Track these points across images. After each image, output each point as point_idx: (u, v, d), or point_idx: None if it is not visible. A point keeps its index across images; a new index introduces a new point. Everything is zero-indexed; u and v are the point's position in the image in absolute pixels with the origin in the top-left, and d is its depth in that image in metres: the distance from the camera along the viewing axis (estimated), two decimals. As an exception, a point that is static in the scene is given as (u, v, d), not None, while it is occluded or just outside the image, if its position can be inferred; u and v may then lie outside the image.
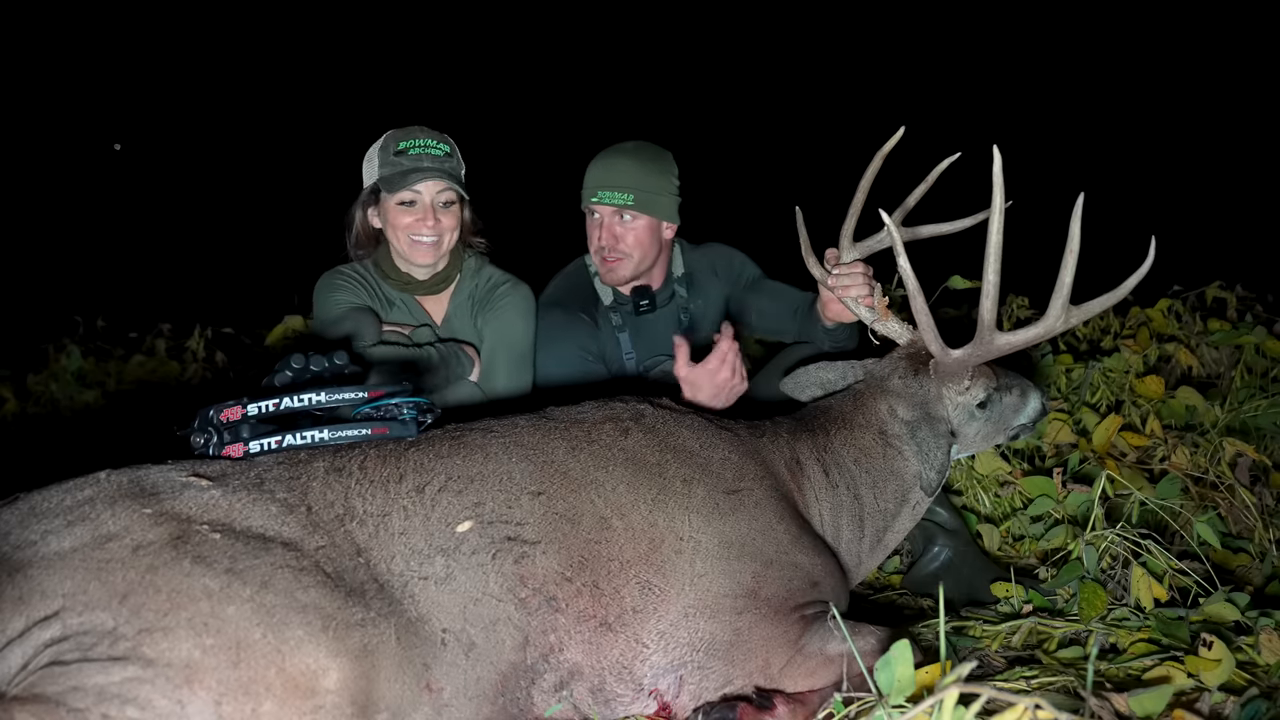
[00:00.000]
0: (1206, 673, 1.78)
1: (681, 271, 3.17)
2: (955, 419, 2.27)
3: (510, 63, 15.09)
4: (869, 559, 2.28)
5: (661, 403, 2.14)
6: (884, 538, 2.28)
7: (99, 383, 4.77)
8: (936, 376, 2.24)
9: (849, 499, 2.19)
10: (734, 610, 1.77)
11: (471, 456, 1.80)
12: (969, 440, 2.33)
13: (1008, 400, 2.35)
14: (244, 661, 1.34)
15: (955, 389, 2.24)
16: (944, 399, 2.25)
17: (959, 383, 2.24)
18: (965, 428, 2.30)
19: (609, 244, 2.93)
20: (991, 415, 2.32)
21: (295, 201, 7.90)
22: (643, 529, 1.78)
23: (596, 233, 2.95)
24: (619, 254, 2.94)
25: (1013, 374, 2.41)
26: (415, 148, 2.77)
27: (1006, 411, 2.35)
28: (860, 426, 2.25)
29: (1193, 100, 12.56)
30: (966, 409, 2.28)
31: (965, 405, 2.27)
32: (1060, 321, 2.05)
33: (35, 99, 12.87)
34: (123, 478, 1.55)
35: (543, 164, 8.60)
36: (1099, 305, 2.06)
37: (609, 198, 2.89)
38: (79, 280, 9.16)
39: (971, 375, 2.25)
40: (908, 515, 2.30)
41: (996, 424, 2.35)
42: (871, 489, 2.22)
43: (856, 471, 2.21)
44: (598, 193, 2.90)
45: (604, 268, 2.98)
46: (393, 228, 2.80)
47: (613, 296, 3.09)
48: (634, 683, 1.71)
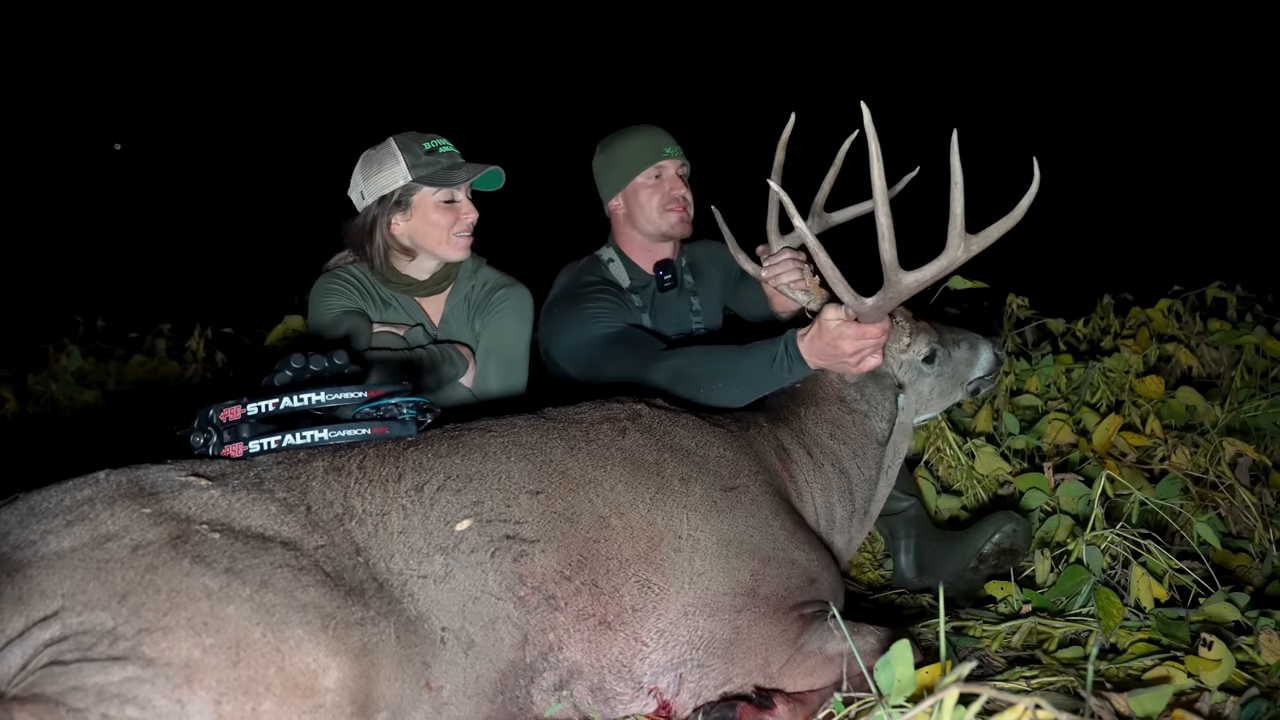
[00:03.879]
0: (1206, 673, 1.78)
1: (685, 261, 3.29)
2: (903, 376, 2.37)
3: (508, 64, 15.10)
4: (858, 533, 2.35)
5: (657, 402, 2.15)
6: (869, 508, 2.37)
7: (99, 383, 4.76)
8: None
9: (835, 475, 2.26)
10: (733, 608, 1.77)
11: (470, 456, 1.80)
12: (926, 398, 2.43)
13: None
14: (244, 661, 1.34)
15: (896, 347, 2.35)
16: (885, 356, 2.32)
17: (898, 340, 2.34)
18: (918, 385, 2.40)
19: (681, 190, 3.09)
20: (943, 371, 2.42)
21: (295, 202, 7.89)
22: (641, 527, 1.79)
23: (666, 186, 3.08)
24: (688, 202, 3.11)
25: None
26: (443, 146, 2.79)
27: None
28: (823, 400, 2.33)
29: (1193, 100, 12.56)
30: (912, 365, 2.37)
31: (910, 362, 2.37)
32: (960, 250, 2.09)
33: (35, 99, 12.87)
34: (122, 477, 1.55)
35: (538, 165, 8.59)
36: (996, 231, 2.08)
37: (677, 153, 3.10)
38: (79, 280, 9.16)
39: (911, 332, 2.36)
40: (884, 481, 2.40)
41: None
42: (854, 459, 2.30)
43: (835, 445, 2.29)
44: (666, 149, 3.08)
45: (674, 218, 3.09)
46: (433, 226, 2.77)
47: (630, 279, 3.14)
48: (633, 681, 1.71)
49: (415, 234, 2.80)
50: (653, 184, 3.09)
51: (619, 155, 3.11)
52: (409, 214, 2.78)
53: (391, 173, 2.73)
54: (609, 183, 3.16)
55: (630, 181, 3.09)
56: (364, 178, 2.79)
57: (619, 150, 3.12)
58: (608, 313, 2.89)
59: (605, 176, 3.17)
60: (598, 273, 3.12)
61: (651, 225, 3.10)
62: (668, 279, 3.13)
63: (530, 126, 12.89)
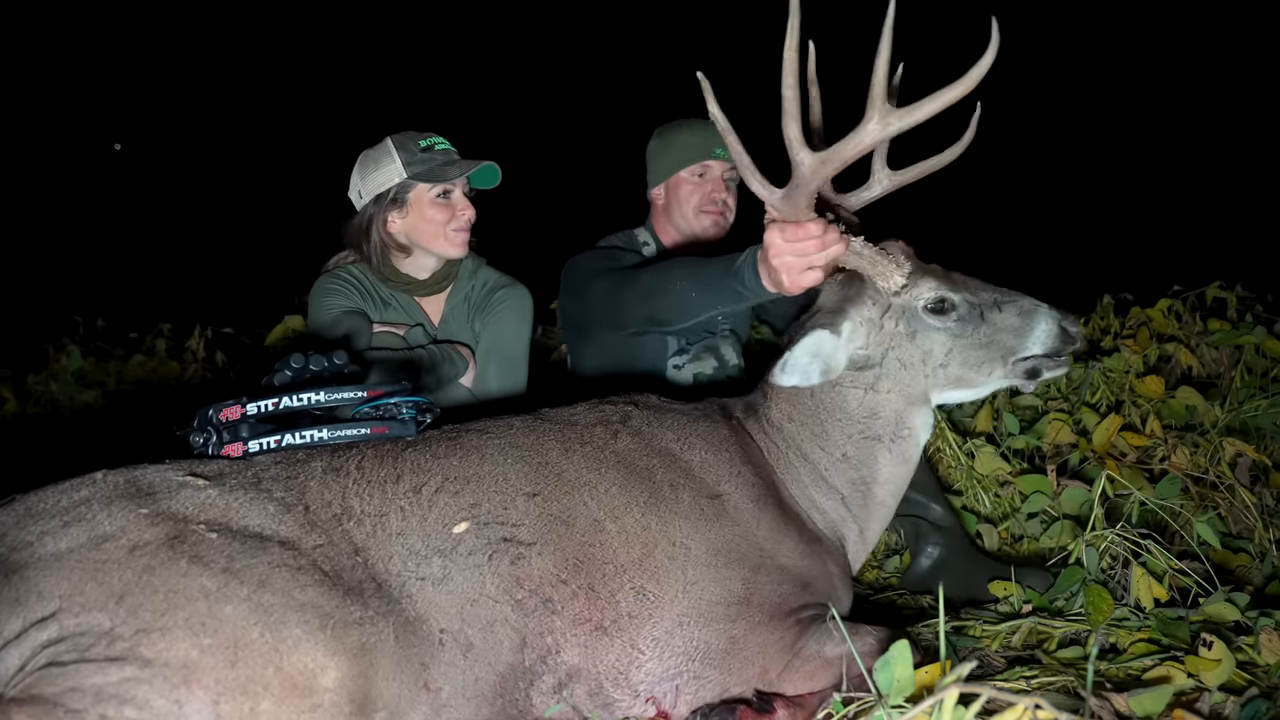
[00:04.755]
0: (1206, 673, 1.78)
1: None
2: (897, 327, 2.02)
3: (509, 64, 15.10)
4: (866, 522, 2.13)
5: (645, 402, 2.12)
6: (871, 489, 2.10)
7: (99, 383, 4.76)
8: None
9: (800, 463, 2.08)
10: (727, 618, 1.76)
11: (468, 457, 1.80)
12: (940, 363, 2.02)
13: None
14: (242, 661, 1.34)
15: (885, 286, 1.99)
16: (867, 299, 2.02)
17: (887, 278, 1.97)
18: (923, 341, 2.01)
19: (723, 195, 3.06)
20: (967, 332, 2.01)
21: (295, 202, 7.89)
22: (636, 533, 1.78)
23: (707, 187, 3.05)
24: (727, 207, 3.08)
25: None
26: (439, 144, 2.80)
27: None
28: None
29: (1193, 100, 12.55)
30: (910, 313, 2.01)
31: (907, 308, 2.01)
32: (877, 123, 1.75)
33: (35, 99, 12.87)
34: (119, 478, 1.55)
35: (538, 165, 8.58)
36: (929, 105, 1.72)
37: (725, 154, 3.03)
38: (79, 280, 9.16)
39: (909, 271, 1.99)
40: (887, 457, 2.08)
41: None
42: (815, 441, 2.07)
43: (793, 429, 2.09)
44: (716, 149, 3.03)
45: (711, 219, 3.06)
46: (429, 223, 2.78)
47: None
48: (630, 689, 1.70)
49: (412, 231, 2.81)
50: (695, 182, 3.06)
51: (670, 145, 3.10)
52: (405, 211, 2.80)
53: (387, 171, 2.75)
54: (655, 170, 3.15)
55: (674, 174, 3.08)
56: (361, 177, 2.81)
57: (672, 140, 3.10)
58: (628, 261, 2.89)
59: (653, 163, 3.16)
60: (633, 247, 3.13)
61: (685, 223, 3.09)
62: None
63: (531, 127, 12.88)
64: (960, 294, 2.02)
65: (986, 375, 2.06)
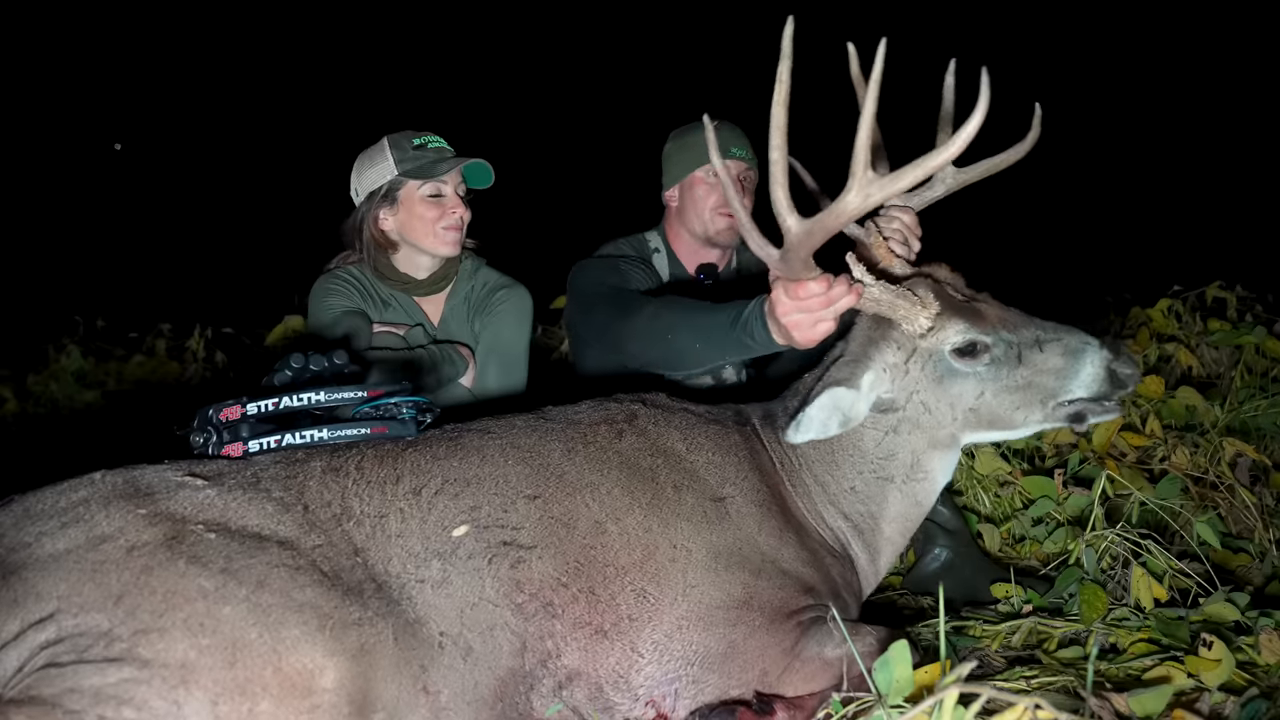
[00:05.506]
0: (1206, 673, 1.78)
1: (735, 265, 3.17)
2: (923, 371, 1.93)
3: (511, 64, 15.10)
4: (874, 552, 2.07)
5: (654, 400, 2.11)
6: (879, 525, 2.04)
7: (99, 383, 4.77)
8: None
9: (811, 480, 2.05)
10: (727, 622, 1.75)
11: (468, 459, 1.79)
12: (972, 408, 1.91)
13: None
14: (240, 661, 1.34)
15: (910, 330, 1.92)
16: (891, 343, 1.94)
17: (912, 321, 1.90)
18: (952, 386, 1.91)
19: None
20: (1002, 375, 1.89)
21: (295, 202, 7.89)
22: (638, 535, 1.77)
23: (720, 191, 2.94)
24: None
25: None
26: (432, 142, 2.81)
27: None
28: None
29: (1192, 100, 12.55)
30: (938, 358, 1.92)
31: (934, 352, 1.92)
32: (856, 195, 1.67)
33: (35, 99, 12.87)
34: (117, 478, 1.55)
35: (539, 165, 8.58)
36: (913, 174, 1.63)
37: (743, 154, 2.96)
38: (79, 280, 9.16)
39: (934, 312, 1.91)
40: (898, 498, 2.02)
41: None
42: (825, 468, 2.03)
43: (806, 448, 2.03)
44: (732, 148, 2.93)
45: (724, 223, 2.97)
46: (419, 220, 2.79)
47: (670, 274, 3.07)
48: (630, 692, 1.70)
49: (403, 228, 2.82)
50: (711, 182, 2.99)
51: (685, 146, 3.02)
52: (396, 208, 2.82)
53: (380, 169, 2.78)
54: (669, 172, 3.09)
55: (689, 175, 3.02)
56: (358, 175, 2.84)
57: (687, 140, 3.03)
58: (635, 279, 2.85)
59: (668, 164, 3.10)
60: (642, 254, 3.07)
61: (700, 225, 3.01)
62: (708, 283, 3.03)
63: (532, 127, 12.88)
64: (994, 334, 1.90)
65: (1023, 419, 1.94)
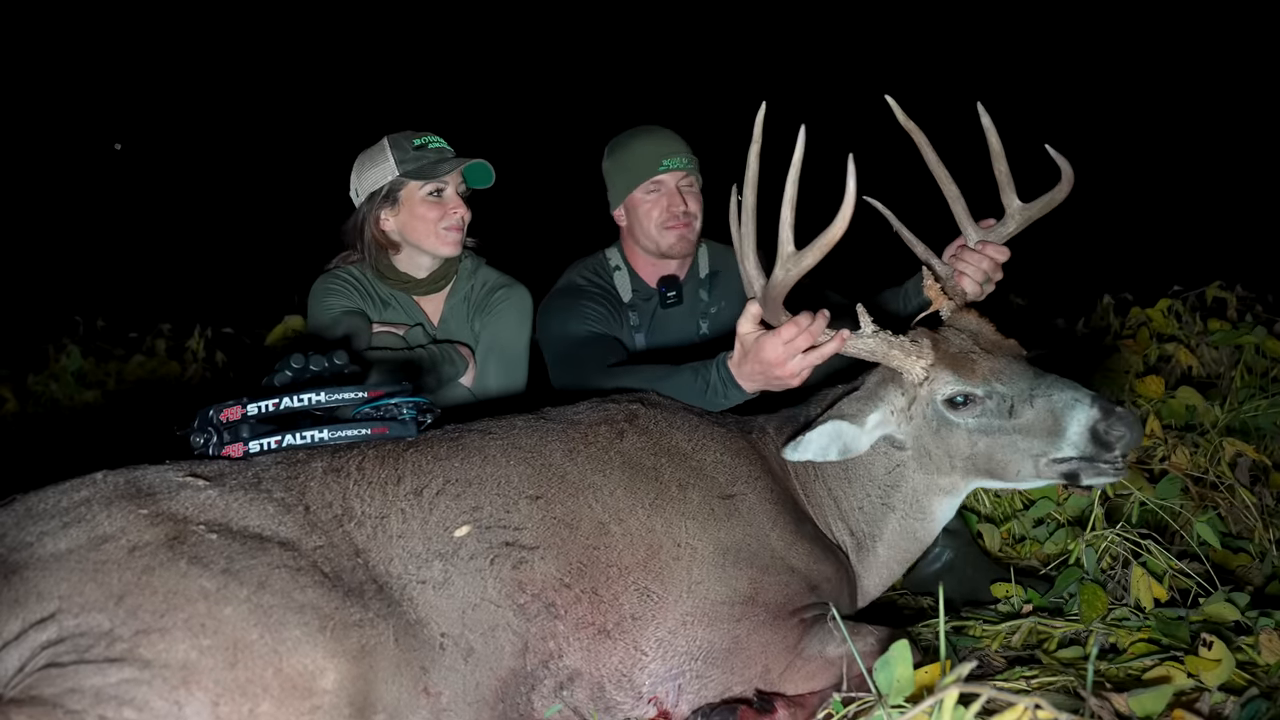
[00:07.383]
0: (1206, 673, 1.78)
1: (707, 271, 3.08)
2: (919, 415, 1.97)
3: (511, 64, 15.10)
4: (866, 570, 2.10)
5: (654, 401, 2.11)
6: (875, 547, 2.08)
7: (99, 383, 4.77)
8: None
9: (822, 490, 2.09)
10: (731, 618, 1.75)
11: (470, 459, 1.79)
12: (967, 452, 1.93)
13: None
14: (241, 662, 1.34)
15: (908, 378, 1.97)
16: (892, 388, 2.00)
17: (910, 367, 1.95)
18: (946, 436, 1.94)
19: (682, 207, 2.87)
20: (992, 426, 1.90)
21: (295, 202, 7.89)
22: (640, 534, 1.77)
23: (664, 201, 2.87)
24: (691, 216, 2.89)
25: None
26: (433, 143, 2.81)
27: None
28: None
29: (1192, 100, 12.55)
30: (930, 406, 1.95)
31: (927, 400, 1.95)
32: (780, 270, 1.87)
33: (35, 99, 12.87)
34: (119, 478, 1.55)
35: (539, 165, 8.58)
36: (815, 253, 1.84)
37: (678, 163, 2.87)
38: (79, 280, 9.16)
39: (930, 361, 1.94)
40: (897, 530, 2.07)
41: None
42: (839, 481, 2.08)
43: (822, 463, 2.06)
44: (664, 161, 2.86)
45: (676, 234, 2.88)
46: (420, 220, 2.78)
47: (632, 292, 3.00)
48: (633, 690, 1.70)
49: (404, 228, 2.82)
50: (651, 198, 2.89)
51: (619, 164, 2.95)
52: (397, 209, 2.82)
53: (381, 169, 2.78)
54: (612, 190, 3.01)
55: (629, 195, 2.92)
56: (358, 176, 2.84)
57: (621, 158, 2.94)
58: (595, 319, 2.81)
59: (609, 183, 3.02)
60: (603, 277, 3.01)
61: (650, 242, 2.92)
62: (671, 296, 2.95)
63: (533, 127, 12.88)
64: (986, 386, 1.90)
65: (1016, 472, 1.92)
